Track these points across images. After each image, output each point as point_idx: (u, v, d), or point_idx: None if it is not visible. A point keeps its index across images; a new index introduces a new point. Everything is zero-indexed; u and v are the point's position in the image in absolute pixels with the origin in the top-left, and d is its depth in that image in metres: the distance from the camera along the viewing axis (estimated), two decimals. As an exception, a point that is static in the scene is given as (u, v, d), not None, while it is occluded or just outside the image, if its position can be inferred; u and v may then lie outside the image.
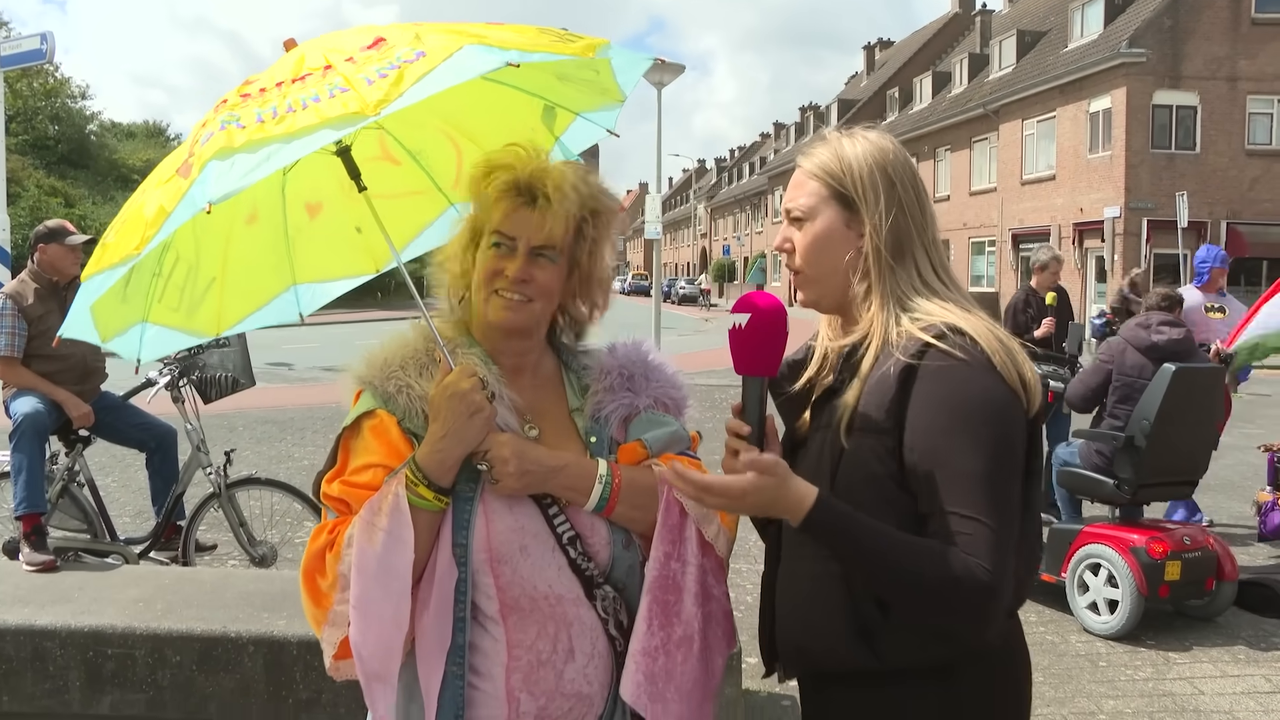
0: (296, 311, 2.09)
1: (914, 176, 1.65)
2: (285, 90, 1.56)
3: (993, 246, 36.30)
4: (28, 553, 4.72)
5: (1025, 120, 33.54)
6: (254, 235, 1.96)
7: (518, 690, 1.65)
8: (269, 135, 1.49)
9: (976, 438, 1.47)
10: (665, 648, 1.67)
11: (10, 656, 3.95)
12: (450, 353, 1.69)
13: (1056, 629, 5.39)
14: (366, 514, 1.58)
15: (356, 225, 2.03)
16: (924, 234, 1.64)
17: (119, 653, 3.90)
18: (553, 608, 1.66)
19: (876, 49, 57.98)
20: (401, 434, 1.67)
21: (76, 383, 5.18)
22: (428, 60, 1.53)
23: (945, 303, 1.59)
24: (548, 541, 1.67)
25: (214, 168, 1.50)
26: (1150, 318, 5.80)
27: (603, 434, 1.77)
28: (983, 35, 41.86)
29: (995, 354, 1.51)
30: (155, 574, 4.79)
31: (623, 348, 1.86)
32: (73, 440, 5.34)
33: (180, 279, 1.86)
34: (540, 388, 1.80)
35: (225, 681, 3.82)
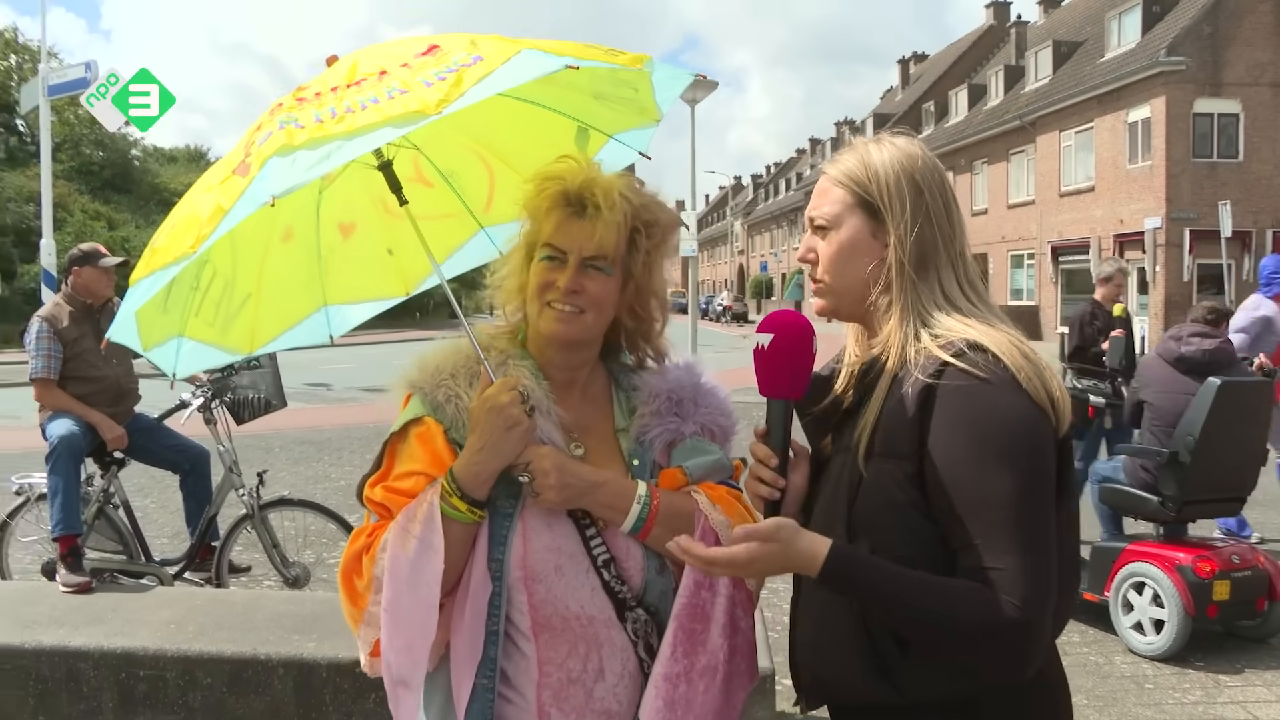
0: (327, 333, 2.09)
1: (942, 185, 1.58)
2: (341, 94, 1.57)
3: (1032, 259, 35.92)
4: (64, 574, 4.76)
5: (1063, 131, 33.20)
6: (289, 253, 1.96)
7: (548, 706, 1.65)
8: (330, 133, 1.49)
9: (1002, 462, 1.39)
10: (688, 675, 1.65)
11: (46, 677, 3.97)
12: (500, 364, 1.69)
13: (1100, 649, 5.27)
14: (402, 520, 1.60)
15: (389, 247, 2.02)
16: (951, 246, 1.56)
17: (151, 674, 3.91)
18: (584, 628, 1.66)
19: (911, 63, 57.74)
20: (447, 443, 1.67)
21: (110, 404, 5.22)
22: (485, 64, 1.53)
23: (968, 318, 1.51)
24: (582, 563, 1.66)
25: (275, 164, 1.50)
26: (1182, 329, 5.68)
27: (645, 458, 1.75)
28: (1018, 47, 41.60)
29: (1020, 370, 1.42)
30: (188, 595, 4.81)
31: (674, 370, 1.82)
32: (108, 462, 5.38)
33: (217, 294, 1.87)
34: (589, 405, 1.78)
35: (255, 704, 3.82)
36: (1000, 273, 38.26)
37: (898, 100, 54.90)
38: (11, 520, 5.72)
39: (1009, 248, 37.48)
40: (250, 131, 1.69)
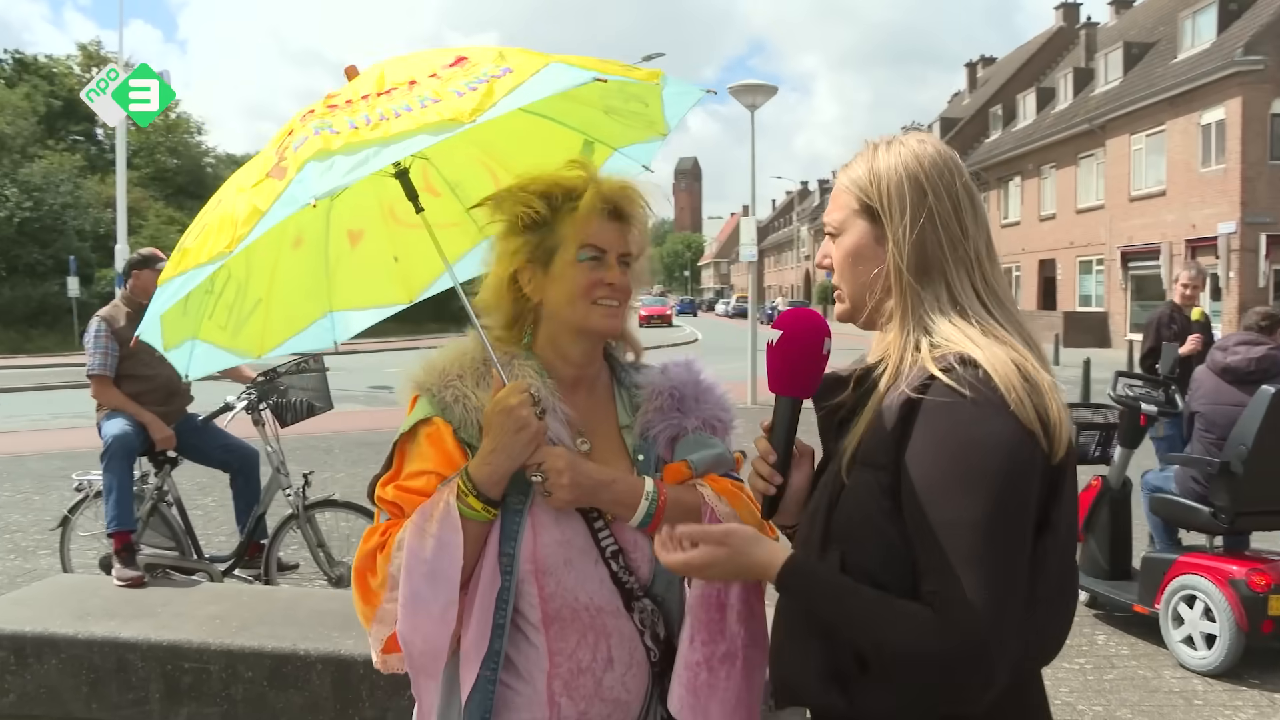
0: (332, 338, 2.15)
1: (952, 185, 1.50)
2: (373, 102, 1.62)
3: (1101, 265, 35.21)
4: (118, 569, 4.92)
5: (1133, 135, 32.52)
6: (298, 259, 2.01)
7: (558, 695, 1.70)
8: (366, 139, 1.53)
9: (971, 486, 1.33)
10: (708, 663, 1.69)
11: (98, 666, 4.11)
12: (506, 364, 1.74)
13: (1149, 663, 5.16)
14: (419, 519, 1.64)
15: (395, 254, 2.07)
16: (959, 248, 1.49)
17: (195, 667, 4.02)
18: (593, 618, 1.71)
19: (979, 66, 56.97)
20: (456, 443, 1.71)
21: (161, 404, 5.39)
22: (515, 76, 1.57)
23: (971, 327, 1.44)
24: (591, 555, 1.72)
25: (313, 168, 1.55)
26: (1229, 338, 5.55)
27: (650, 453, 1.81)
28: (1088, 49, 40.84)
29: (1011, 390, 1.35)
30: (235, 592, 4.93)
31: (675, 369, 1.89)
32: (161, 461, 5.55)
33: (230, 298, 1.92)
34: (594, 403, 1.84)
35: (294, 698, 3.90)
36: (1068, 279, 37.57)
37: (965, 104, 54.19)
38: (72, 515, 5.93)
39: (1077, 253, 36.80)
40: (281, 136, 1.74)
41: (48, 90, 44.65)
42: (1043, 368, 1.44)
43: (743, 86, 21.01)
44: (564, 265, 1.73)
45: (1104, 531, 5.74)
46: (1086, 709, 4.59)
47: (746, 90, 21.07)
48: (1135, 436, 5.71)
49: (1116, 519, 5.74)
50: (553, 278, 1.74)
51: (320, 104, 1.74)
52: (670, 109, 1.96)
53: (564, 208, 1.73)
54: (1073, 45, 45.03)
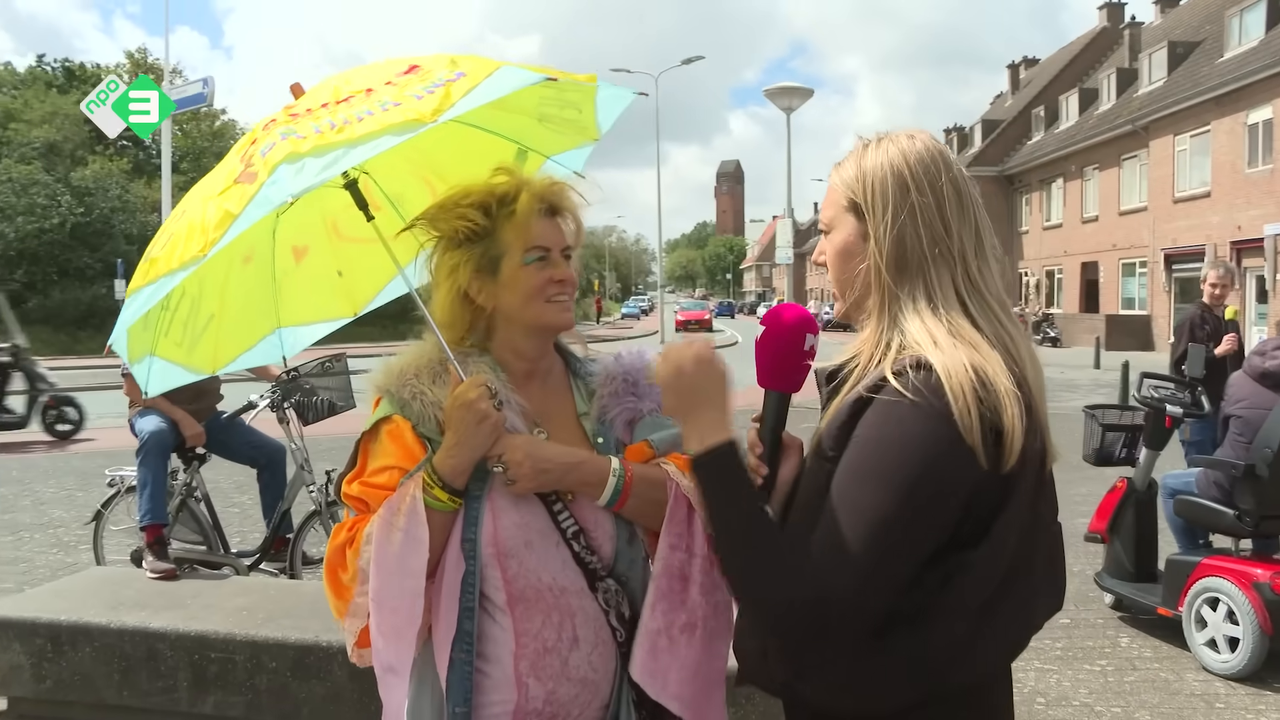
0: (280, 353, 2.22)
1: (937, 181, 1.49)
2: (333, 109, 1.69)
3: (1144, 268, 34.72)
4: (150, 561, 5.05)
5: (1177, 135, 32.05)
6: (247, 275, 2.07)
7: (525, 676, 1.74)
8: (334, 142, 1.61)
9: (881, 481, 1.35)
10: (668, 632, 1.74)
11: (129, 655, 4.22)
12: (462, 362, 1.80)
13: (1172, 666, 5.13)
14: (386, 514, 1.70)
15: (338, 269, 2.13)
16: (939, 245, 1.48)
17: (221, 657, 4.12)
18: (556, 599, 1.76)
19: (1021, 67, 56.39)
20: (416, 438, 1.78)
21: (190, 401, 5.52)
22: (469, 79, 1.65)
23: (940, 327, 1.44)
24: (552, 536, 1.77)
25: (284, 170, 1.62)
26: (1268, 343, 5.49)
27: (609, 435, 1.88)
28: (1131, 49, 40.30)
29: (958, 399, 1.34)
30: (262, 585, 5.03)
31: (627, 355, 1.97)
32: (190, 457, 5.70)
33: (184, 314, 1.98)
34: (549, 393, 1.90)
35: (316, 688, 3.99)
36: (1111, 282, 37.09)
37: (1007, 106, 53.67)
38: (105, 510, 6.10)
39: (1120, 256, 36.33)
40: (244, 145, 1.81)
41: (97, 97, 45.54)
42: (1009, 372, 1.41)
43: (778, 89, 20.98)
44: (512, 270, 1.79)
45: (1129, 533, 5.71)
46: (1105, 710, 4.58)
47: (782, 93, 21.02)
48: (1161, 438, 5.67)
49: (1141, 521, 5.70)
50: (503, 284, 1.80)
51: (281, 113, 1.81)
52: (603, 113, 2.05)
53: (501, 214, 1.78)
54: (1116, 45, 44.45)
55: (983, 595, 1.41)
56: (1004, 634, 1.47)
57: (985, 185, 47.10)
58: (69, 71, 47.31)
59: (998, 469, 1.37)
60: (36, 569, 7.07)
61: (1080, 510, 7.05)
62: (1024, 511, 1.43)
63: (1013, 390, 1.38)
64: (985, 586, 1.41)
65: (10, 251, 35.70)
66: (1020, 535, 1.43)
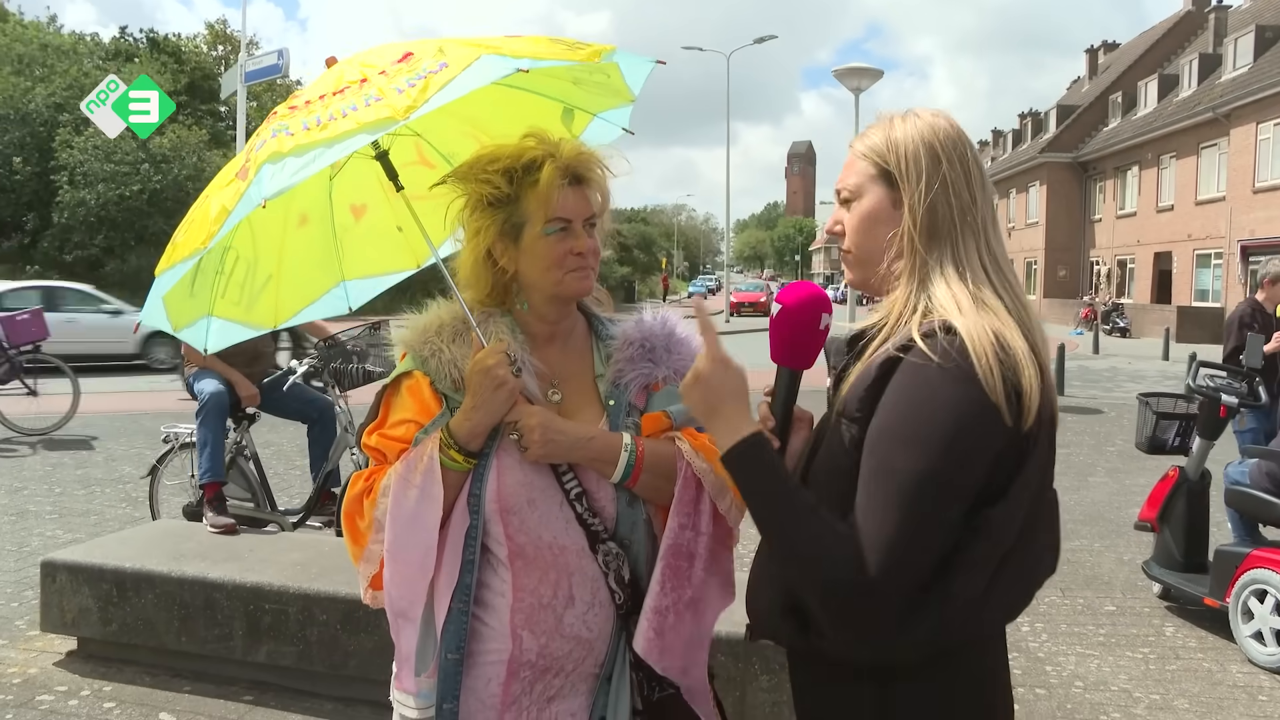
0: (346, 305, 2.31)
1: (965, 156, 1.57)
2: (327, 102, 1.77)
3: (1219, 260, 33.82)
4: (211, 516, 5.26)
5: (1260, 124, 31.06)
6: (306, 236, 2.17)
7: (520, 629, 1.81)
8: (313, 140, 1.68)
9: (916, 441, 1.39)
10: (675, 608, 1.80)
11: (188, 603, 4.42)
12: (483, 323, 1.86)
13: (1216, 657, 5.08)
14: (404, 471, 1.78)
15: (398, 225, 2.20)
16: (967, 216, 1.55)
17: (275, 608, 4.30)
18: (556, 557, 1.82)
19: (1100, 52, 55.02)
20: (433, 393, 1.85)
21: (246, 365, 5.77)
22: (449, 70, 1.70)
23: (965, 292, 1.50)
24: (555, 496, 1.82)
25: (267, 170, 1.71)
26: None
27: (621, 399, 1.91)
28: (1216, 33, 39.11)
29: (981, 358, 1.40)
30: (317, 541, 5.21)
31: (649, 320, 1.98)
32: (239, 417, 5.92)
33: (241, 276, 2.07)
34: (569, 355, 1.95)
35: (365, 641, 4.14)
36: (1184, 273, 36.18)
37: (1084, 91, 52.44)
38: (160, 465, 6.36)
39: (1195, 246, 35.41)
40: (254, 139, 1.90)
41: (176, 68, 46.47)
42: (1025, 336, 1.48)
43: (848, 70, 20.76)
44: (533, 239, 1.83)
45: (1179, 523, 5.65)
46: (1143, 696, 4.56)
47: (852, 74, 20.79)
48: (1215, 428, 5.60)
49: (1192, 511, 5.64)
50: (524, 251, 1.84)
51: (284, 106, 1.90)
52: (630, 78, 2.09)
53: (525, 182, 1.81)
54: (1201, 30, 43.17)
55: (1000, 552, 1.46)
56: (1011, 591, 1.53)
57: (1058, 172, 46.20)
58: (153, 42, 48.25)
59: (1019, 428, 1.43)
60: (106, 521, 7.36)
61: (1136, 500, 6.98)
62: (1038, 472, 1.48)
63: (1029, 353, 1.45)
64: (1002, 544, 1.46)
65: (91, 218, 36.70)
66: (1033, 496, 1.49)
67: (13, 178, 38.43)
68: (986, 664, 1.59)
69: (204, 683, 4.39)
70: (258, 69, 21.28)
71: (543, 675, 1.84)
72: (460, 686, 1.83)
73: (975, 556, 1.44)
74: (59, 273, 37.64)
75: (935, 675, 1.51)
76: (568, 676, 1.85)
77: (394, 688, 1.93)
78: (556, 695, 1.85)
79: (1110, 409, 14.78)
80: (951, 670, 1.52)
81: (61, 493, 8.40)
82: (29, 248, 39.28)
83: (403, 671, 1.90)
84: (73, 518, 7.54)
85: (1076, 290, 45.48)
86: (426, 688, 1.86)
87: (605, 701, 1.88)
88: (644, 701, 1.86)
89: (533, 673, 1.83)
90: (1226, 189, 33.03)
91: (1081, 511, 8.13)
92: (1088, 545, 7.11)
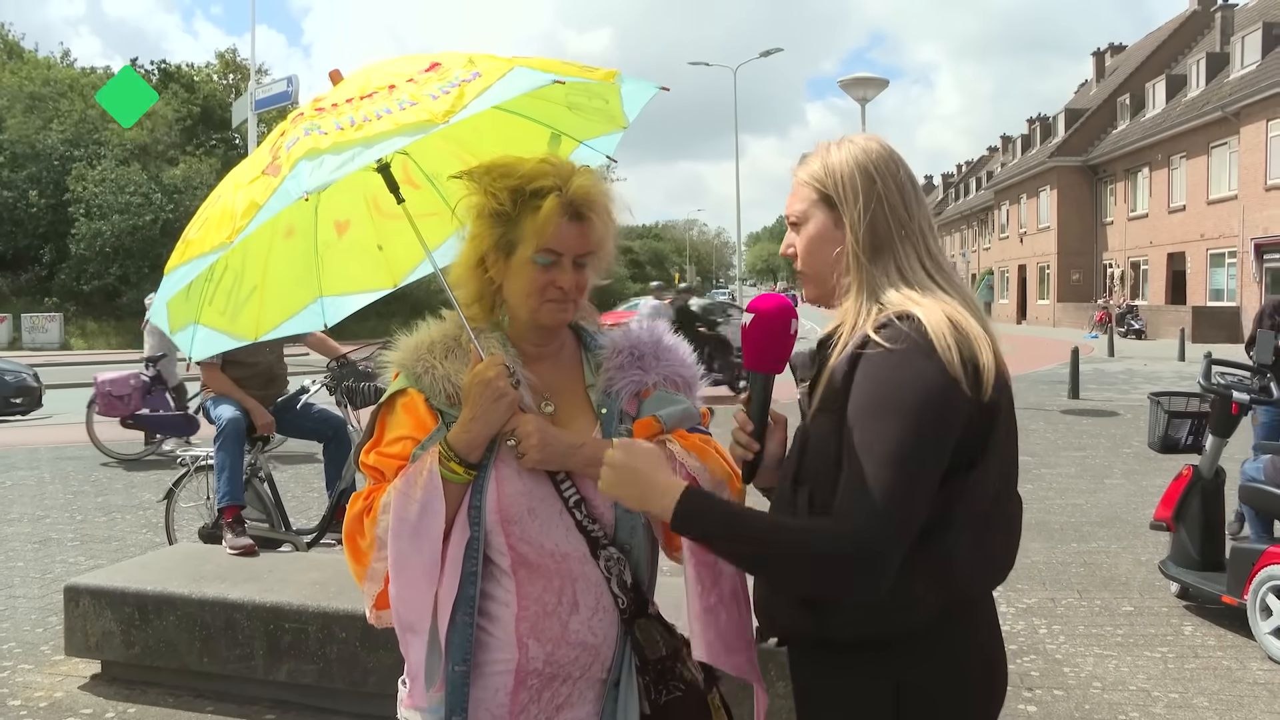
0: (322, 321, 2.32)
1: (896, 174, 1.70)
2: (356, 105, 1.79)
3: (1233, 258, 33.67)
4: (230, 538, 5.31)
5: (1270, 121, 30.97)
6: (290, 248, 2.19)
7: (526, 637, 1.83)
8: (351, 139, 1.71)
9: (888, 415, 1.50)
10: (722, 604, 1.82)
11: (209, 624, 4.47)
12: (478, 336, 1.89)
13: (1236, 655, 5.06)
14: (403, 486, 1.80)
15: (379, 244, 2.23)
16: (905, 228, 1.68)
17: (294, 627, 4.34)
18: (559, 564, 1.84)
19: (1107, 54, 54.97)
20: (428, 409, 1.87)
21: (261, 388, 5.87)
22: (483, 79, 1.73)
23: (914, 293, 1.62)
24: (554, 505, 1.85)
25: (304, 165, 1.72)
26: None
27: (613, 407, 1.93)
28: (1223, 32, 39.05)
29: (940, 338, 1.53)
30: (335, 561, 5.24)
31: (637, 329, 2.02)
32: (254, 440, 5.99)
33: (228, 285, 2.09)
34: (560, 368, 1.98)
35: (384, 658, 4.17)
36: (1198, 272, 36.03)
37: (1091, 94, 52.37)
38: (176, 488, 6.44)
39: (1208, 246, 35.28)
40: (274, 137, 1.93)
41: (186, 97, 46.96)
42: (979, 322, 1.61)
43: (854, 80, 20.80)
44: (521, 262, 1.85)
45: (1195, 521, 5.64)
46: (1161, 695, 4.55)
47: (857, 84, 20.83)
48: (1228, 425, 5.59)
49: (1207, 509, 5.63)
50: (511, 270, 1.87)
51: (309, 107, 1.92)
52: (629, 104, 2.13)
53: (528, 206, 1.82)
54: (1207, 29, 43.11)
55: (978, 513, 1.58)
56: (995, 551, 1.66)
57: (1069, 176, 46.12)
58: (165, 73, 48.79)
59: (979, 398, 1.55)
60: (127, 547, 7.43)
61: (1153, 502, 6.96)
62: (1004, 436, 1.61)
63: (981, 332, 1.59)
64: (980, 506, 1.59)
65: (107, 249, 37.09)
66: (1002, 459, 1.62)
67: (29, 210, 38.85)
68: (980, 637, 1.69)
69: (226, 702, 4.44)
70: (267, 96, 21.52)
71: (550, 683, 1.86)
72: (468, 699, 1.84)
73: (956, 517, 1.55)
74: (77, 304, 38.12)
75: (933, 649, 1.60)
76: (575, 683, 1.87)
77: (401, 705, 1.93)
78: (564, 703, 1.87)
79: (1126, 411, 14.73)
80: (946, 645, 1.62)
81: (83, 520, 8.48)
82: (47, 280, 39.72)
83: (413, 687, 1.90)
84: (94, 544, 7.62)
85: (1090, 294, 45.34)
86: (435, 702, 1.87)
87: (614, 708, 1.89)
88: (652, 705, 1.88)
89: (540, 681, 1.85)
90: (1238, 187, 32.93)
91: (1098, 513, 8.12)
92: (1105, 547, 7.10)
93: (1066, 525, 7.77)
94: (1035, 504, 8.35)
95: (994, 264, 58.42)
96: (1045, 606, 5.86)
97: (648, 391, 1.96)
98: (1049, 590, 6.16)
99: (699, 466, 1.84)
